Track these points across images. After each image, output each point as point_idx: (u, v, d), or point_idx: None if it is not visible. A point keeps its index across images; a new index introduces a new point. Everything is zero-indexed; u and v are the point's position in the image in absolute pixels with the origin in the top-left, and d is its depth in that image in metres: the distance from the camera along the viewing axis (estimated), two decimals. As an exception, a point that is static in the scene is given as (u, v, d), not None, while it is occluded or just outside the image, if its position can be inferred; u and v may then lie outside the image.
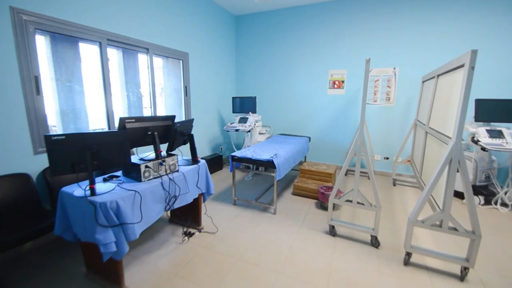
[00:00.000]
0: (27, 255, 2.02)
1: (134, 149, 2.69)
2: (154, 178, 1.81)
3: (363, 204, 2.20)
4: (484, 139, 2.77)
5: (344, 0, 4.05)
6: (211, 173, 4.15)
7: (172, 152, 2.08)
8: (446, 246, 2.21)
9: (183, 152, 2.68)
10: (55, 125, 2.41)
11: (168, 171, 1.91)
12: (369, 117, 4.18)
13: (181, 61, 3.72)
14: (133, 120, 1.76)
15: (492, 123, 2.97)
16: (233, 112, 4.36)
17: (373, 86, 4.09)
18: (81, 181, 1.68)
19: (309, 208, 2.95)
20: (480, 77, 3.44)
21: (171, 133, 2.04)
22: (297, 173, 4.18)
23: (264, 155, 2.80)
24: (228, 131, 4.05)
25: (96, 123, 2.75)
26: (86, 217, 1.49)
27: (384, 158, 4.19)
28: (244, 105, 4.27)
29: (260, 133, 4.33)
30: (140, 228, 1.63)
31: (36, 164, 2.14)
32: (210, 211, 2.81)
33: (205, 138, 4.40)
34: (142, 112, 3.29)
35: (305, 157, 4.44)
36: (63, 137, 1.40)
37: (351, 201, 2.25)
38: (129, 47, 2.95)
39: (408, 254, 1.95)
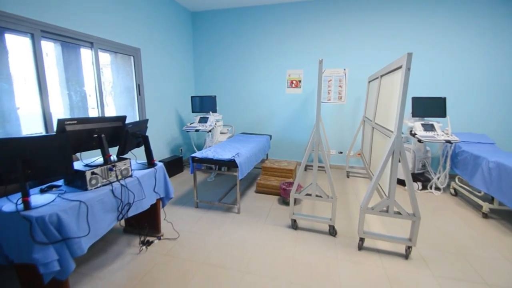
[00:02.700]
0: None
1: (78, 154, 2.41)
2: (103, 185, 1.65)
3: (321, 196, 2.33)
4: (420, 132, 3.16)
5: (299, 3, 4.21)
6: (171, 176, 3.96)
7: (124, 156, 1.92)
8: (392, 229, 2.46)
9: (137, 155, 2.50)
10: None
11: (119, 177, 1.75)
12: (324, 115, 4.44)
13: (132, 57, 3.45)
14: (75, 122, 1.57)
15: (426, 118, 3.41)
16: (193, 111, 4.22)
17: (327, 86, 4.34)
18: (12, 194, 1.44)
19: (272, 204, 3.01)
20: (416, 78, 3.91)
21: (122, 135, 1.88)
22: (260, 171, 4.24)
23: (225, 155, 2.77)
24: (187, 131, 3.91)
25: (31, 127, 2.40)
26: (20, 235, 1.28)
27: (339, 152, 4.50)
28: (204, 105, 4.17)
29: (221, 133, 4.27)
30: (88, 241, 1.47)
31: None
32: (170, 216, 2.67)
33: (163, 140, 4.18)
34: (88, 113, 2.97)
35: (267, 155, 4.52)
36: (-17, 143, 1.18)
37: (310, 195, 2.36)
38: (69, 41, 2.64)
39: (362, 240, 2.12)
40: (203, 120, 3.96)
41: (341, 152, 4.49)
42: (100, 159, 1.78)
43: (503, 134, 3.77)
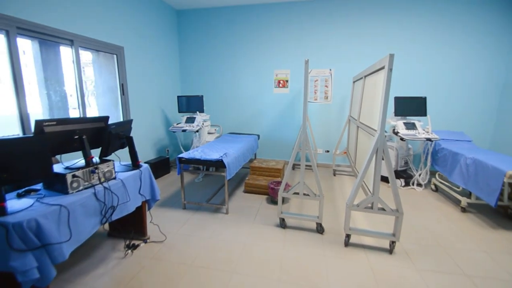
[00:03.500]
0: None
1: (58, 157, 2.32)
2: (85, 188, 1.59)
3: (308, 195, 2.36)
4: (402, 130, 3.27)
5: (286, 3, 4.24)
6: (157, 177, 3.89)
7: (107, 158, 1.86)
8: (377, 225, 2.53)
9: (121, 157, 2.43)
10: None
11: (102, 179, 1.70)
12: (311, 114, 4.50)
13: (115, 56, 3.36)
14: (54, 123, 1.51)
15: (407, 117, 3.53)
16: (179, 111, 4.16)
17: (314, 85, 4.40)
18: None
19: (261, 204, 3.02)
20: (398, 78, 4.03)
21: (104, 136, 1.82)
22: (248, 171, 4.24)
23: (213, 155, 2.75)
24: (174, 132, 3.84)
25: (7, 129, 2.28)
26: (-5, 243, 1.22)
27: (325, 151, 4.57)
28: (191, 104, 4.12)
29: (209, 133, 4.24)
30: (69, 247, 1.42)
31: None
32: (157, 218, 2.62)
33: (148, 141, 4.09)
34: (68, 114, 2.87)
35: (255, 154, 4.52)
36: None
37: (298, 193, 2.39)
38: (48, 38, 2.53)
39: (348, 236, 2.16)
40: (190, 120, 3.91)
41: (327, 151, 4.56)
42: (81, 161, 1.72)
43: (479, 132, 3.97)
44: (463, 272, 1.86)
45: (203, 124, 3.91)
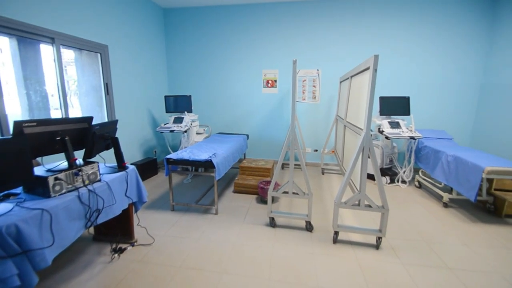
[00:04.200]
0: None
1: (39, 159, 2.22)
2: (69, 191, 1.54)
3: (297, 194, 2.38)
4: (387, 129, 3.36)
5: (273, 3, 4.26)
6: (144, 179, 3.81)
7: (92, 160, 1.81)
8: (364, 222, 2.59)
9: (106, 158, 2.36)
10: None
11: (86, 182, 1.65)
12: (300, 114, 4.54)
13: (99, 55, 3.26)
14: (34, 124, 1.45)
15: (392, 116, 3.63)
16: (167, 112, 4.09)
17: (302, 85, 4.45)
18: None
19: (251, 203, 3.02)
20: (383, 78, 4.14)
21: (88, 137, 1.77)
22: (237, 170, 4.23)
23: (202, 155, 2.72)
24: (162, 132, 3.78)
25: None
26: (-29, 250, 1.16)
27: (314, 150, 4.63)
28: (179, 104, 4.06)
29: (197, 133, 4.20)
30: (52, 252, 1.37)
31: None
32: (144, 221, 2.57)
33: (135, 142, 4.00)
34: (50, 114, 2.76)
35: (244, 154, 4.52)
36: None
37: (287, 192, 2.41)
38: (27, 35, 2.42)
39: (336, 233, 2.20)
40: (178, 120, 3.86)
41: (316, 150, 4.63)
42: (64, 164, 1.67)
43: (460, 130, 4.15)
44: (446, 265, 1.94)
45: (191, 124, 3.87)
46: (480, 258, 2.03)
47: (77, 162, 1.66)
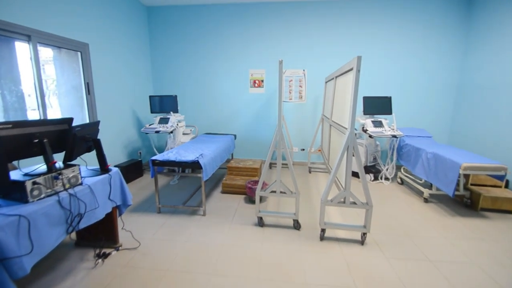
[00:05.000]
0: None
1: (16, 163, 2.12)
2: (48, 196, 1.47)
3: (285, 193, 2.40)
4: (370, 128, 3.46)
5: (258, 3, 4.27)
6: (129, 181, 3.71)
7: (72, 162, 1.74)
8: (350, 218, 2.66)
9: (88, 161, 2.28)
10: None
11: (67, 186, 1.58)
12: (287, 114, 4.58)
13: (79, 53, 3.14)
14: (10, 126, 1.38)
15: (375, 115, 3.74)
16: (152, 112, 4.01)
17: (288, 85, 4.49)
18: None
19: (239, 204, 3.02)
20: (367, 78, 4.26)
21: (68, 139, 1.70)
22: (225, 171, 4.21)
23: (189, 156, 2.69)
24: (147, 133, 3.70)
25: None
26: None
27: (301, 149, 4.69)
28: (164, 105, 3.99)
29: (184, 134, 4.14)
30: (31, 260, 1.30)
31: None
32: (129, 224, 2.51)
33: (118, 143, 3.88)
34: (26, 116, 2.63)
35: (232, 154, 4.51)
36: None
37: (275, 192, 2.42)
38: (1, 33, 2.29)
39: (323, 230, 2.25)
40: (164, 121, 3.79)
41: (303, 149, 4.69)
42: (43, 167, 1.59)
43: (438, 128, 4.34)
44: (427, 258, 2.03)
45: (177, 124, 3.81)
46: (459, 250, 2.13)
47: (57, 165, 1.60)
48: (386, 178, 3.83)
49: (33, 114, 2.69)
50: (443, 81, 4.18)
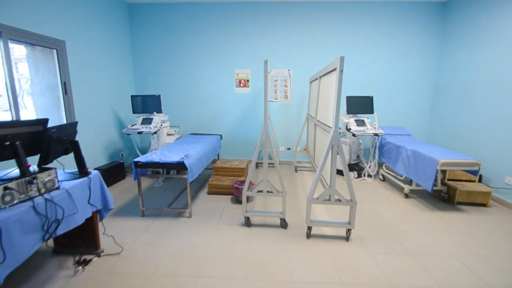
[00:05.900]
0: None
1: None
2: (21, 201, 1.39)
3: (272, 192, 2.41)
4: (354, 127, 3.55)
5: (243, 2, 4.26)
6: (111, 184, 3.58)
7: (48, 166, 1.65)
8: (335, 216, 2.71)
9: (66, 164, 2.18)
10: None
11: (43, 190, 1.50)
12: (273, 113, 4.61)
13: (55, 51, 2.99)
14: (-24, 128, 1.29)
15: (358, 115, 3.84)
16: (134, 112, 3.89)
17: (274, 85, 4.52)
18: None
19: (225, 204, 2.99)
20: (350, 78, 4.36)
21: (44, 141, 1.61)
22: (211, 171, 4.16)
23: (173, 157, 2.63)
24: (129, 134, 3.58)
25: None
26: None
27: (287, 148, 4.73)
28: (147, 105, 3.88)
29: (168, 134, 4.05)
30: (4, 270, 1.23)
31: None
32: (111, 229, 2.42)
33: (98, 145, 3.74)
34: (-3, 117, 2.47)
35: (218, 155, 4.47)
36: None
37: (262, 191, 2.42)
38: (-37, 28, 2.14)
39: (309, 228, 2.27)
40: (147, 121, 3.69)
41: (289, 148, 4.73)
42: (16, 171, 1.50)
43: (417, 126, 4.52)
44: (408, 252, 2.10)
45: (161, 125, 3.72)
46: (438, 243, 2.23)
47: (31, 169, 1.51)
48: (369, 175, 3.94)
49: (4, 115, 2.53)
50: (422, 81, 4.37)
